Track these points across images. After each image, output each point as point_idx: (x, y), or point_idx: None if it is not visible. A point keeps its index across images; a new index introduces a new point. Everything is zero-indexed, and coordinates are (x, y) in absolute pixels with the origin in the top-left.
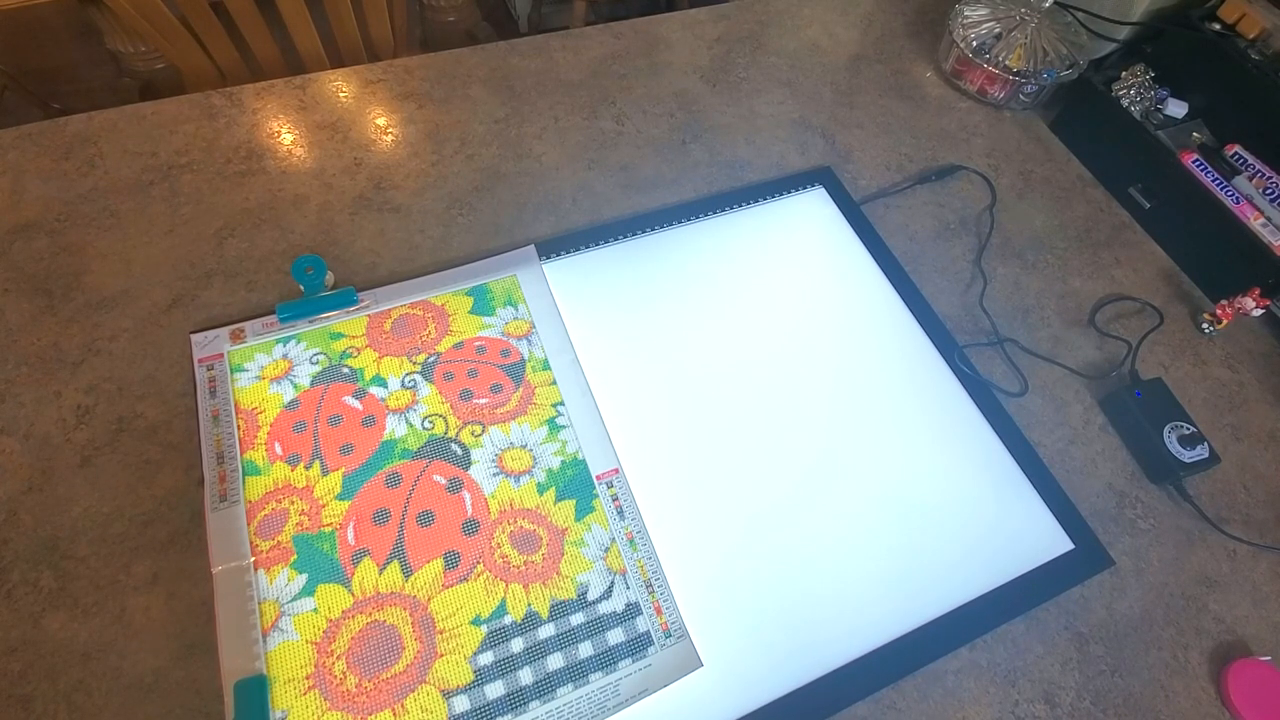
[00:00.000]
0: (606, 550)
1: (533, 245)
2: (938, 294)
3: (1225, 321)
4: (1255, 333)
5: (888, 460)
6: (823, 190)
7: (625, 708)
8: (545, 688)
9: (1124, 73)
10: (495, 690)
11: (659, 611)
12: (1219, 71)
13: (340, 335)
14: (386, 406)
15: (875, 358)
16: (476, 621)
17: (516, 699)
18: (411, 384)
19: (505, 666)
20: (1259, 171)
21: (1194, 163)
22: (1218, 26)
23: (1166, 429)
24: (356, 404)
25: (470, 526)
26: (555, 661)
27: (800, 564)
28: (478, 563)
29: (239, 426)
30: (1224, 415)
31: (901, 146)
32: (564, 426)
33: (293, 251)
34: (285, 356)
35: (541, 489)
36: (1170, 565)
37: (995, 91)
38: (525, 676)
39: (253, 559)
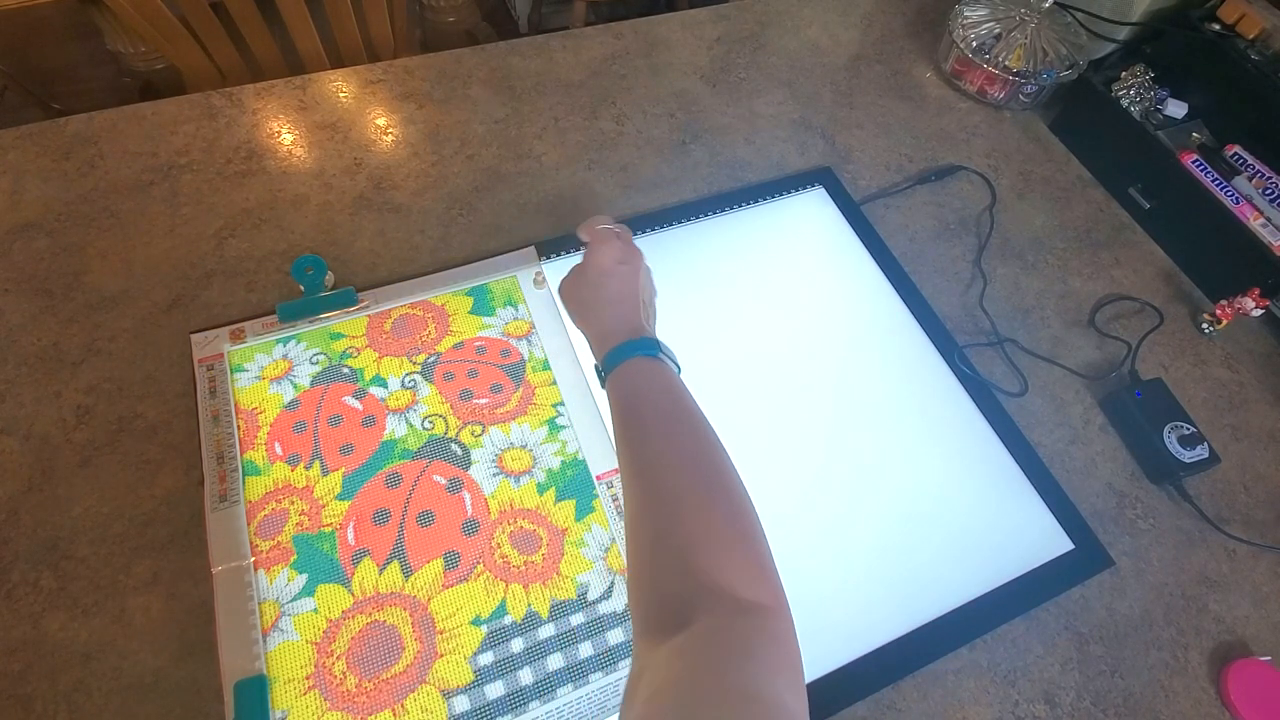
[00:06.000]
0: (607, 550)
1: (533, 245)
2: (938, 294)
3: (1225, 321)
4: (1255, 333)
5: (887, 460)
6: (823, 190)
7: None
8: (545, 688)
9: (1124, 73)
10: (495, 690)
11: None
12: (1219, 71)
13: (340, 335)
14: (386, 406)
15: (875, 358)
16: (476, 622)
17: (517, 699)
18: (411, 384)
19: (505, 666)
20: (1259, 172)
21: (1194, 163)
22: (1217, 27)
23: (1166, 429)
24: (356, 404)
25: (470, 526)
26: (555, 661)
27: (800, 564)
28: (478, 563)
29: (239, 427)
30: (1224, 415)
31: (901, 147)
32: (564, 427)
33: (293, 251)
34: (285, 356)
35: (541, 489)
36: (1170, 565)
37: (995, 92)
38: (525, 677)
39: (253, 559)
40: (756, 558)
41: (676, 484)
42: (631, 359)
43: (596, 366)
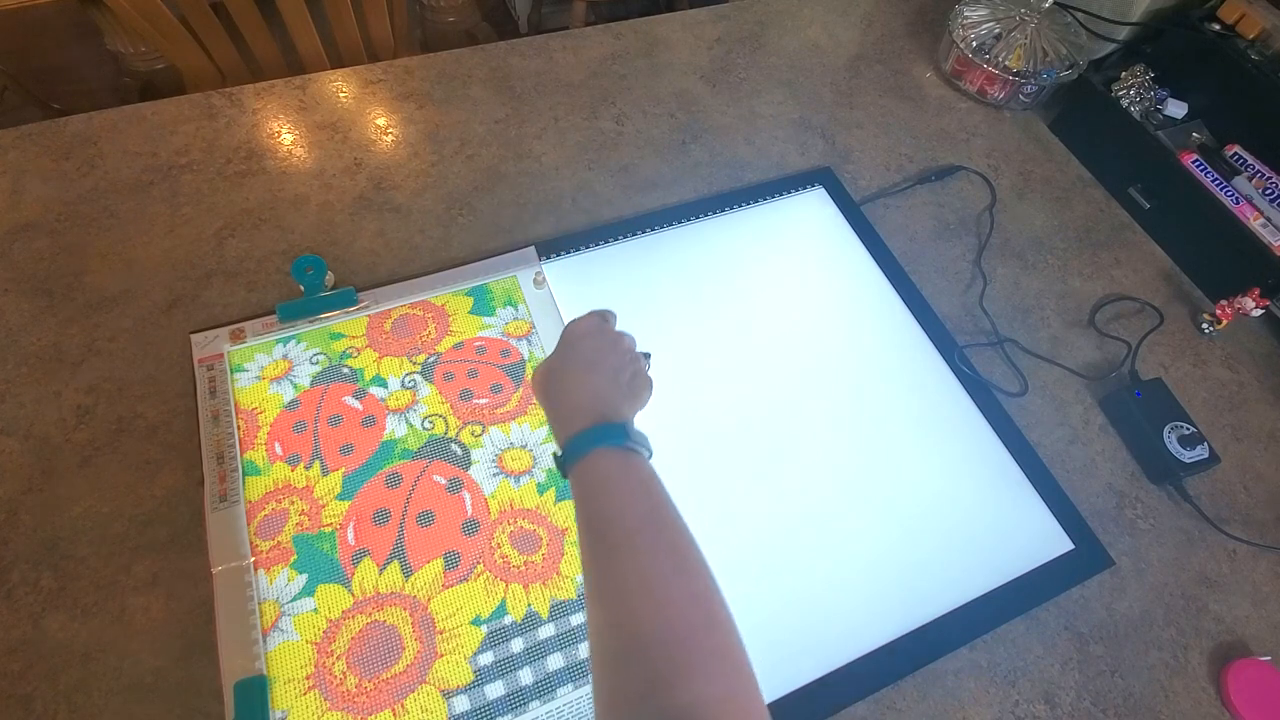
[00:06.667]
0: None
1: (533, 245)
2: (938, 294)
3: (1225, 321)
4: (1255, 333)
5: (887, 461)
6: (823, 190)
7: None
8: (545, 688)
9: (1124, 73)
10: (495, 690)
11: None
12: (1219, 71)
13: (340, 335)
14: (386, 407)
15: (875, 358)
16: (476, 622)
17: (516, 699)
18: (411, 384)
19: (505, 666)
20: (1259, 172)
21: (1194, 163)
22: (1217, 27)
23: (1166, 429)
24: (356, 404)
25: (470, 526)
26: (555, 661)
27: (800, 564)
28: (478, 563)
29: (239, 427)
30: (1224, 415)
31: (901, 147)
32: None
33: (293, 251)
34: (285, 356)
35: (541, 489)
36: (1170, 565)
37: (995, 92)
38: (525, 676)
39: (253, 559)
40: (735, 673)
41: (647, 612)
42: (596, 450)
43: (555, 454)
